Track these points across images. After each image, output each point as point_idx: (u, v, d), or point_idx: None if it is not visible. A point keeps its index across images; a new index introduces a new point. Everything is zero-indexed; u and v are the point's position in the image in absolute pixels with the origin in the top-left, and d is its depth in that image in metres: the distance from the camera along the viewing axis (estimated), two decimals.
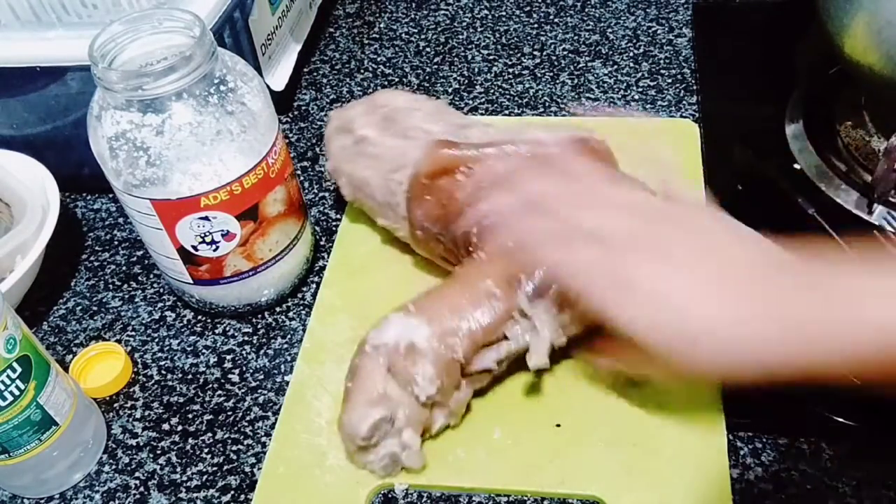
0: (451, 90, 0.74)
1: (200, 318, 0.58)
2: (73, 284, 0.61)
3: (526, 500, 0.46)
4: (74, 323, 0.59)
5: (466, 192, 0.49)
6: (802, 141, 0.62)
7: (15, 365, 0.43)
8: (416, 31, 0.81)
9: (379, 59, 0.78)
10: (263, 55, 0.69)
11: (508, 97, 0.72)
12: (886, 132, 0.60)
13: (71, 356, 0.55)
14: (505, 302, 0.46)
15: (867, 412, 0.46)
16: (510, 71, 0.75)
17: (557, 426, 0.48)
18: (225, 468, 0.49)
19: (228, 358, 0.55)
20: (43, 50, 0.59)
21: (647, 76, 0.72)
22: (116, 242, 0.64)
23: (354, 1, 0.86)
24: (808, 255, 0.40)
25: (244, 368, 0.54)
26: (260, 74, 0.55)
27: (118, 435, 0.52)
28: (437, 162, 0.50)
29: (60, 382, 0.47)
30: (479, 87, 0.73)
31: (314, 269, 0.60)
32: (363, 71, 0.77)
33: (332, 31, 0.83)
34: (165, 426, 0.52)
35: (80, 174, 0.60)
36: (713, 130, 0.65)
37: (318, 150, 0.70)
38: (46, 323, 0.59)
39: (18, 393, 0.44)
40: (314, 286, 0.58)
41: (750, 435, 0.47)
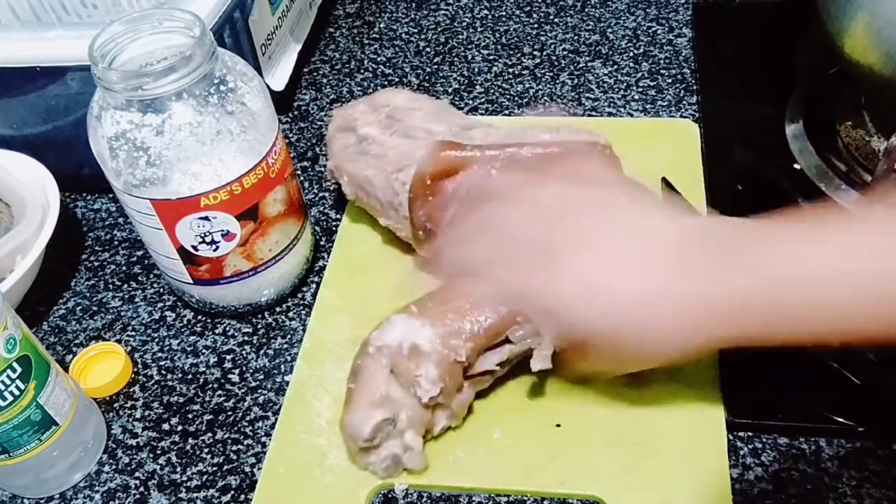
0: (451, 90, 0.74)
1: (200, 318, 0.58)
2: (73, 284, 0.61)
3: (526, 500, 0.46)
4: (74, 323, 0.59)
5: (457, 198, 0.50)
6: (802, 141, 0.62)
7: (15, 365, 0.43)
8: (416, 31, 0.81)
9: (379, 59, 0.78)
10: (263, 55, 0.69)
11: (508, 97, 0.72)
12: (886, 132, 0.60)
13: (71, 356, 0.55)
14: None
15: (867, 412, 0.46)
16: (510, 71, 0.75)
17: (557, 426, 0.48)
18: (225, 468, 0.49)
19: (228, 358, 0.55)
20: (43, 50, 0.59)
21: (647, 76, 0.72)
22: (116, 242, 0.64)
23: (354, 1, 0.86)
24: (734, 223, 0.42)
25: (244, 368, 0.54)
26: (260, 74, 0.55)
27: (118, 435, 0.52)
28: (440, 162, 0.50)
29: (60, 382, 0.47)
30: (479, 87, 0.73)
31: (314, 269, 0.60)
32: (363, 71, 0.77)
33: (332, 31, 0.83)
34: (165, 426, 0.52)
35: (80, 174, 0.60)
36: (713, 130, 0.65)
37: (318, 150, 0.70)
38: (46, 323, 0.59)
39: (18, 393, 0.44)
40: (314, 286, 0.58)
41: (750, 435, 0.47)
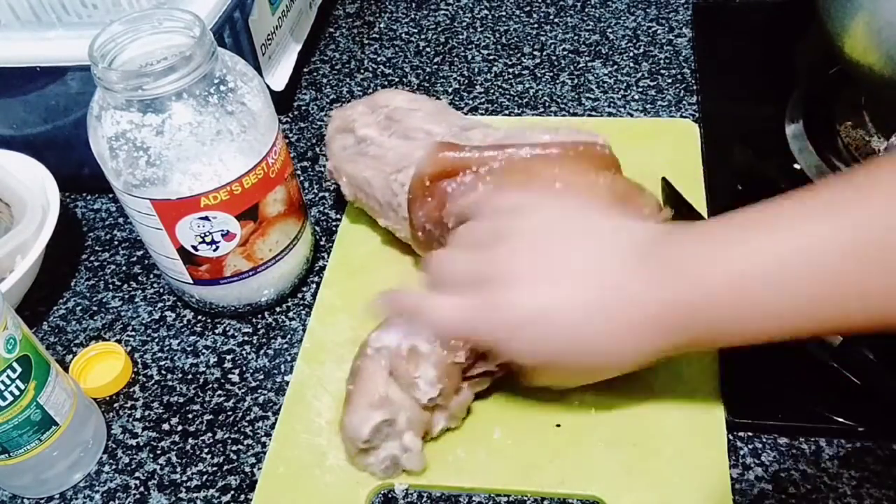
0: (451, 90, 0.74)
1: (200, 318, 0.58)
2: (73, 284, 0.61)
3: (526, 500, 0.46)
4: (74, 323, 0.59)
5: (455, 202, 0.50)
6: (802, 141, 0.62)
7: (15, 365, 0.43)
8: (416, 31, 0.81)
9: (379, 59, 0.78)
10: (263, 55, 0.69)
11: (508, 97, 0.72)
12: (886, 132, 0.60)
13: (71, 356, 0.55)
14: None
15: (867, 412, 0.46)
16: (510, 71, 0.75)
17: (557, 426, 0.48)
18: (225, 468, 0.49)
19: (228, 358, 0.55)
20: (43, 50, 0.59)
21: (647, 76, 0.72)
22: (116, 242, 0.64)
23: (354, 1, 0.86)
24: (683, 229, 0.42)
25: (244, 368, 0.54)
26: (260, 74, 0.55)
27: (118, 435, 0.52)
28: (438, 163, 0.50)
29: (60, 382, 0.47)
30: (479, 87, 0.73)
31: (314, 269, 0.60)
32: (363, 71, 0.77)
33: (332, 31, 0.83)
34: (165, 426, 0.52)
35: (80, 174, 0.60)
36: (713, 130, 0.65)
37: (318, 150, 0.70)
38: (46, 323, 0.59)
39: (18, 393, 0.44)
40: (314, 286, 0.58)
41: (750, 435, 0.47)
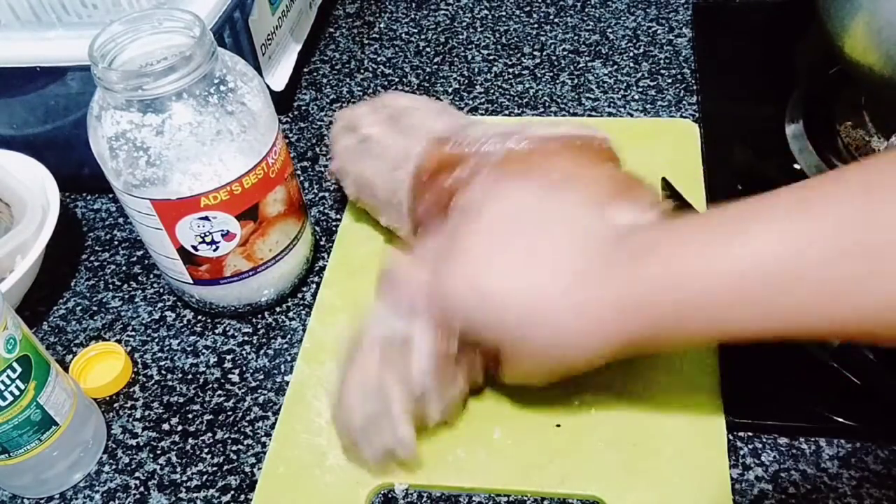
0: (451, 90, 0.74)
1: (200, 318, 0.58)
2: (73, 284, 0.61)
3: (526, 500, 0.46)
4: (74, 323, 0.59)
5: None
6: (802, 141, 0.62)
7: (15, 365, 0.43)
8: (416, 31, 0.81)
9: (379, 59, 0.78)
10: (263, 55, 0.69)
11: (508, 97, 0.72)
12: (886, 132, 0.60)
13: (71, 356, 0.55)
14: None
15: (867, 412, 0.46)
16: (510, 71, 0.75)
17: (557, 426, 0.48)
18: (225, 468, 0.49)
19: (228, 358, 0.55)
20: (43, 50, 0.59)
21: (647, 76, 0.72)
22: (116, 242, 0.64)
23: (354, 1, 0.86)
24: (657, 224, 0.42)
25: (244, 368, 0.54)
26: (260, 74, 0.55)
27: (118, 435, 0.52)
28: (436, 158, 0.50)
29: (60, 382, 0.47)
30: (479, 87, 0.73)
31: (314, 269, 0.60)
32: (363, 71, 0.77)
33: (332, 31, 0.83)
34: (165, 426, 0.52)
35: (80, 174, 0.60)
36: (713, 130, 0.65)
37: (318, 150, 0.70)
38: (46, 323, 0.59)
39: (18, 393, 0.44)
40: (314, 286, 0.58)
41: (750, 435, 0.47)
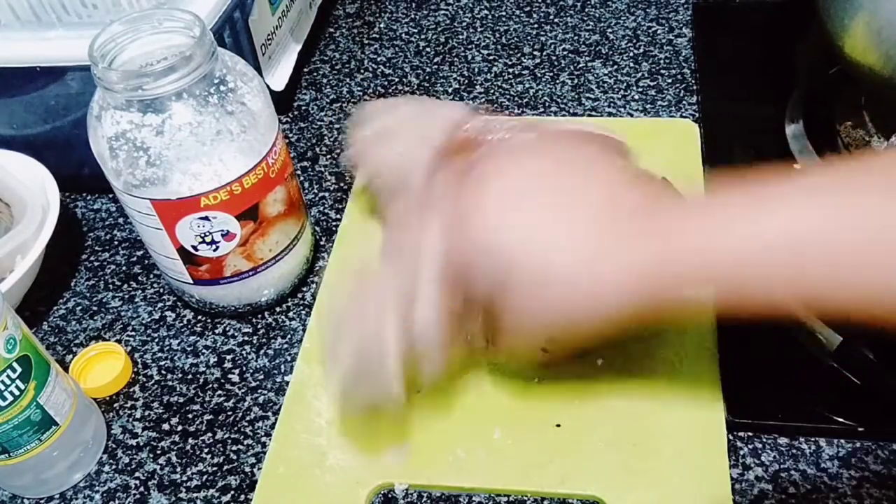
0: (451, 90, 0.74)
1: (200, 318, 0.58)
2: (73, 284, 0.61)
3: (526, 500, 0.46)
4: (74, 323, 0.59)
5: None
6: (802, 141, 0.62)
7: (15, 365, 0.43)
8: (416, 31, 0.81)
9: (379, 59, 0.78)
10: (263, 55, 0.69)
11: (508, 97, 0.72)
12: (886, 132, 0.60)
13: (71, 356, 0.55)
14: None
15: (867, 412, 0.46)
16: (510, 71, 0.75)
17: (557, 426, 0.48)
18: (225, 468, 0.49)
19: (228, 358, 0.55)
20: (43, 50, 0.59)
21: (647, 76, 0.72)
22: (116, 242, 0.64)
23: (354, 1, 0.86)
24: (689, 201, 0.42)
25: (244, 368, 0.54)
26: (260, 74, 0.55)
27: (118, 435, 0.52)
28: (455, 140, 0.50)
29: (60, 382, 0.47)
30: (479, 87, 0.73)
31: (314, 269, 0.60)
32: (363, 71, 0.77)
33: (332, 31, 0.83)
34: (165, 426, 0.52)
35: (80, 174, 0.60)
36: (713, 130, 0.65)
37: (318, 150, 0.70)
38: (46, 323, 0.59)
39: (18, 393, 0.44)
40: (314, 286, 0.58)
41: (750, 435, 0.47)
